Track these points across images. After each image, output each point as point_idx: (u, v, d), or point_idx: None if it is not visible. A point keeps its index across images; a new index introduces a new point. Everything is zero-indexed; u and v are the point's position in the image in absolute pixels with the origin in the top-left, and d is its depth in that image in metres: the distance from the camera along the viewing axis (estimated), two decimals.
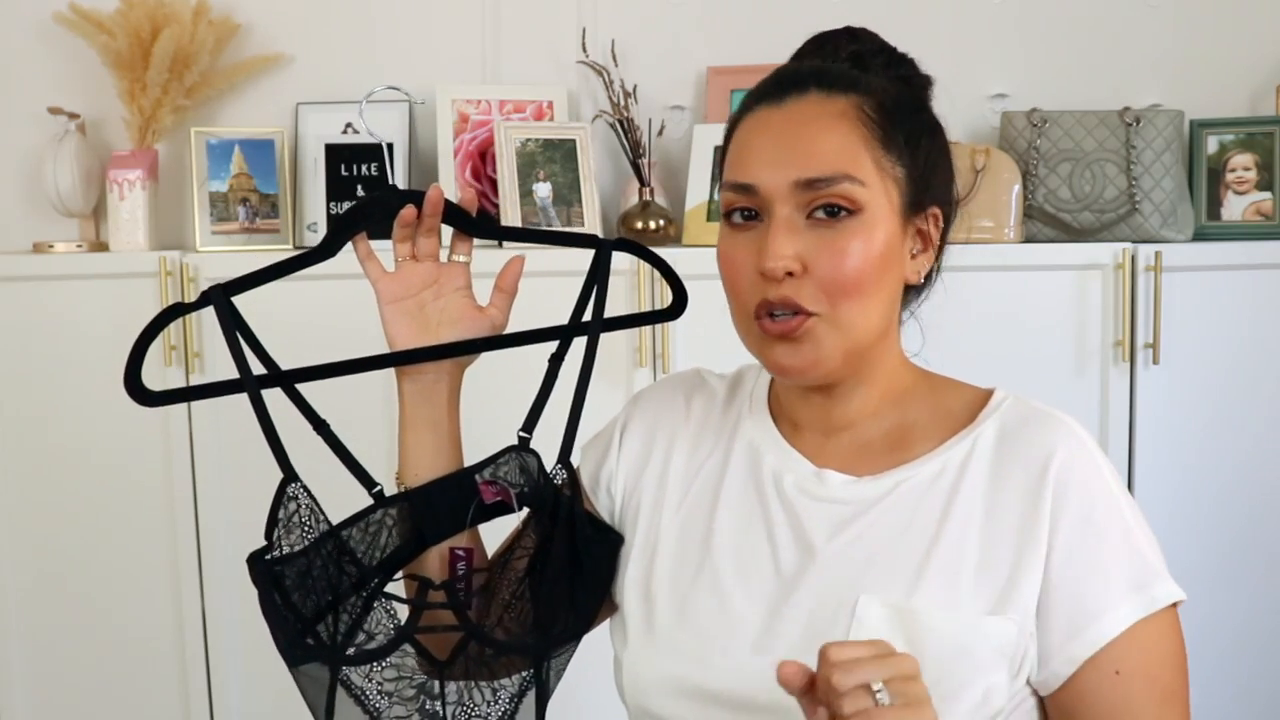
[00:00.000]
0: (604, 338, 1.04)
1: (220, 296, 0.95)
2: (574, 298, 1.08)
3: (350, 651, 0.93)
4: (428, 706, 0.98)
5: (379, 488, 0.97)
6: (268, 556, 0.93)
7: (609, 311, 1.06)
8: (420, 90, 2.36)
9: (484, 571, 1.03)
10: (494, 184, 2.29)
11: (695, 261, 2.26)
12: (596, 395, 1.04)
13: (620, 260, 1.09)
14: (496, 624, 1.00)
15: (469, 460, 1.04)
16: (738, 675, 0.95)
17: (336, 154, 2.27)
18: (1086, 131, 2.21)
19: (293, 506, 0.93)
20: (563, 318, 1.07)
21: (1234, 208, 2.22)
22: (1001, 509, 0.94)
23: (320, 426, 0.97)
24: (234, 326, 0.95)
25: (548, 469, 1.03)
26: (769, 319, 0.94)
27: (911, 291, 1.03)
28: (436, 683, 0.97)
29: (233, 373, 0.95)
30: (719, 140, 2.25)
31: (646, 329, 2.07)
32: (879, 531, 0.96)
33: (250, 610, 2.44)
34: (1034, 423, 0.97)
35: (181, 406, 2.15)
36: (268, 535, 0.93)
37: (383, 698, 0.95)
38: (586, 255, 1.07)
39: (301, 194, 2.33)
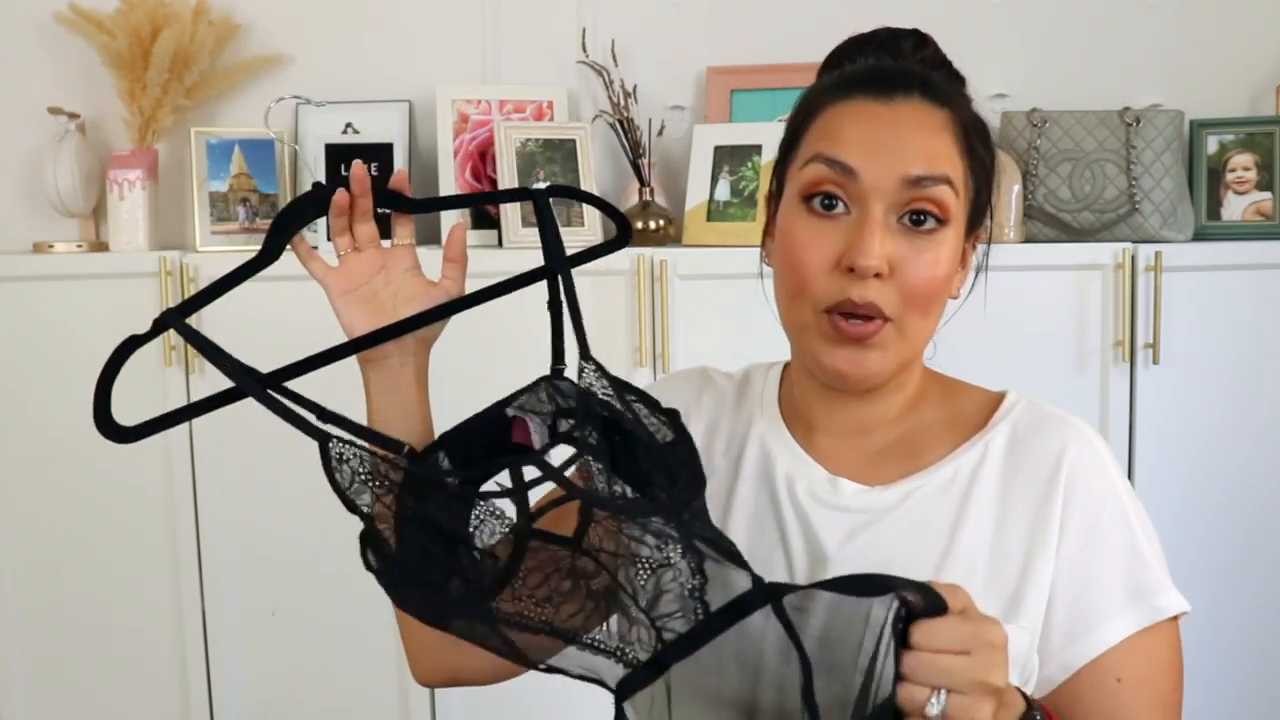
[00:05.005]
0: (604, 337, 1.03)
1: (175, 318, 0.93)
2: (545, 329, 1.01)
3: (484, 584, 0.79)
4: (592, 586, 0.82)
5: (407, 446, 0.88)
6: (385, 556, 0.81)
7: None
8: (420, 90, 2.37)
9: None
10: (494, 184, 2.29)
11: (695, 262, 2.28)
12: None
13: (621, 260, 1.08)
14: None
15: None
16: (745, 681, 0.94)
17: (336, 154, 2.27)
18: (1086, 131, 2.21)
19: (346, 470, 0.83)
20: (531, 343, 1.02)
21: (1234, 208, 2.22)
22: (1012, 516, 0.94)
23: (324, 414, 0.88)
24: (201, 341, 0.91)
25: (581, 383, 0.93)
26: (843, 319, 0.91)
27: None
28: (585, 558, 0.82)
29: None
30: (719, 140, 2.31)
31: (647, 330, 2.06)
32: (891, 540, 0.95)
33: (250, 610, 2.43)
34: (1045, 427, 0.97)
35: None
36: (355, 511, 0.83)
37: (541, 607, 0.80)
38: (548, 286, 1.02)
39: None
